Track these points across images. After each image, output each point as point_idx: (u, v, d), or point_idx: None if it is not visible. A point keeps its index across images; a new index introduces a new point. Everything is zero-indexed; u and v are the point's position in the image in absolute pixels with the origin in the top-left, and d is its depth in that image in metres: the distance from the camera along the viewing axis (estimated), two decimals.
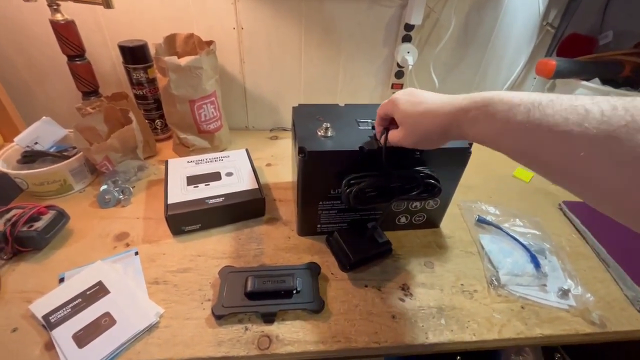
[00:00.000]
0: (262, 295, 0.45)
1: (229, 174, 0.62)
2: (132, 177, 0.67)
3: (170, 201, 0.55)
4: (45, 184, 0.59)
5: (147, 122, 0.76)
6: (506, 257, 0.54)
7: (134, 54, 0.69)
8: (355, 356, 0.44)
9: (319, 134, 0.49)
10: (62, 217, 0.54)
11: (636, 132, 0.22)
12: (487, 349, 0.45)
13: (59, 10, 0.62)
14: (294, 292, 0.46)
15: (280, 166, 0.75)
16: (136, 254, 0.52)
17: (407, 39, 0.76)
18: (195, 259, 0.52)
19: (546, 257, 0.55)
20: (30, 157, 0.63)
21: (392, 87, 0.84)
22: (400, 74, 0.82)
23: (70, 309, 0.43)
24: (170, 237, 0.55)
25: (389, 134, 0.43)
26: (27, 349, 0.40)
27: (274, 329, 0.43)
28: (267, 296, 0.45)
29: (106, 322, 0.42)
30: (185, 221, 0.55)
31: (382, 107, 0.45)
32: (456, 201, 0.62)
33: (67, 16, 0.63)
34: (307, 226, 0.56)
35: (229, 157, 0.67)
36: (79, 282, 0.46)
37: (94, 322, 0.42)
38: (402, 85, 0.84)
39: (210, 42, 0.70)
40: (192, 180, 0.60)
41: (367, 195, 0.48)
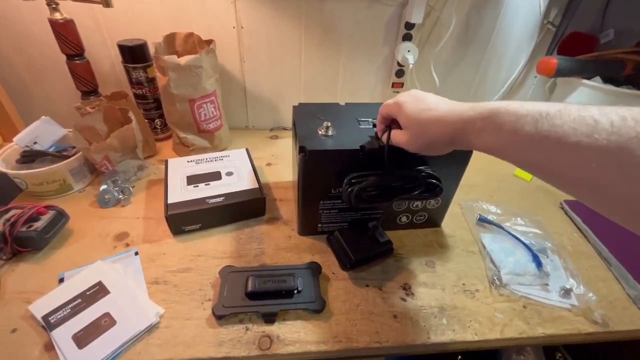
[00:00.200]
0: (263, 295, 0.45)
1: (229, 174, 0.62)
2: (131, 177, 0.67)
3: (170, 201, 0.55)
4: (44, 183, 0.59)
5: (146, 121, 0.76)
6: (508, 256, 0.54)
7: (134, 53, 0.69)
8: (356, 356, 0.44)
9: (320, 133, 0.49)
10: (61, 217, 0.54)
11: None
12: (489, 348, 0.45)
13: (58, 9, 0.62)
14: (295, 292, 0.46)
15: (280, 165, 0.75)
16: (136, 254, 0.52)
17: (407, 38, 0.76)
18: (195, 258, 0.52)
19: (548, 257, 0.55)
20: (29, 157, 0.62)
21: (392, 86, 0.84)
22: (400, 73, 0.82)
23: (70, 310, 0.43)
24: (170, 236, 0.55)
25: (391, 134, 0.43)
26: (26, 349, 0.40)
27: (275, 329, 0.43)
28: (267, 296, 0.45)
29: (106, 322, 0.42)
30: (185, 221, 0.55)
31: (385, 107, 0.44)
32: (457, 200, 0.62)
33: (66, 15, 0.63)
34: (308, 226, 0.56)
35: (229, 156, 0.67)
36: (78, 283, 0.46)
37: (94, 323, 0.42)
38: (402, 84, 0.84)
39: (210, 41, 0.69)
40: (192, 179, 0.60)
41: (369, 194, 0.48)
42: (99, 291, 0.45)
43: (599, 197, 0.26)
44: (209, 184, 0.59)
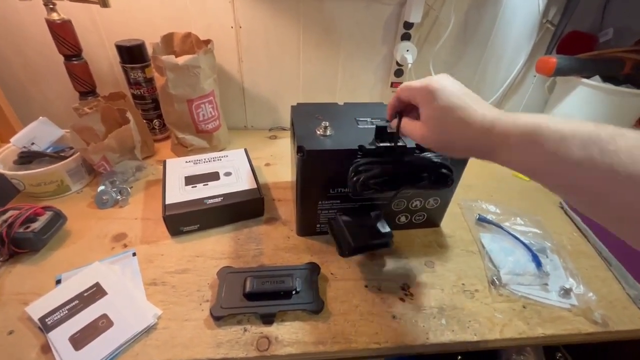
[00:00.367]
0: (261, 296, 0.45)
1: (228, 174, 0.62)
2: (129, 178, 0.66)
3: (168, 201, 0.54)
4: (42, 184, 0.59)
5: (144, 122, 0.75)
6: (507, 256, 0.54)
7: (131, 54, 0.68)
8: (355, 357, 0.43)
9: (318, 133, 0.49)
10: (59, 218, 0.53)
11: None
12: (488, 349, 0.45)
13: (55, 9, 0.62)
14: (294, 292, 0.45)
15: (279, 166, 0.75)
16: (134, 254, 0.51)
17: (406, 37, 0.76)
18: (193, 259, 0.52)
19: (547, 256, 0.55)
20: (27, 158, 0.62)
21: (391, 86, 0.84)
22: (399, 73, 0.81)
23: (67, 311, 0.43)
24: (168, 237, 0.55)
25: (405, 125, 0.39)
26: (23, 351, 0.39)
27: (273, 330, 0.43)
28: (266, 297, 0.45)
29: (103, 324, 0.42)
30: (183, 221, 0.54)
31: (409, 90, 0.37)
32: (456, 200, 0.62)
33: (64, 15, 0.63)
34: (307, 226, 0.56)
35: (227, 156, 0.67)
36: (76, 284, 0.46)
37: (91, 324, 0.41)
38: (401, 83, 0.83)
39: (208, 41, 0.69)
40: (191, 180, 0.59)
41: (375, 181, 0.45)
42: (96, 292, 0.45)
43: None
44: (208, 185, 0.59)
